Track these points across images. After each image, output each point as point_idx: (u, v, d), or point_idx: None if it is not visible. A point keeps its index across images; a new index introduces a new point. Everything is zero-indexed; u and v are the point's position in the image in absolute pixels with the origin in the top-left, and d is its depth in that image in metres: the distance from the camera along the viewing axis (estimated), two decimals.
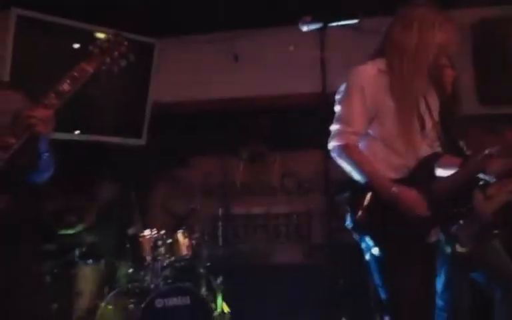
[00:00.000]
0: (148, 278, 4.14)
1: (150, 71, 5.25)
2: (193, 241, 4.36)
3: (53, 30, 4.73)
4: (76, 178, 4.56)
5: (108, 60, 2.36)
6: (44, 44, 4.72)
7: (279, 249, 5.43)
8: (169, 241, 4.26)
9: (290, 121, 5.28)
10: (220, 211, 4.85)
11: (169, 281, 4.17)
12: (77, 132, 4.95)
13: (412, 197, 2.48)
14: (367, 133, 2.62)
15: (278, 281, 4.93)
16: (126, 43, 2.40)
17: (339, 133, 2.61)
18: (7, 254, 2.24)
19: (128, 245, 4.29)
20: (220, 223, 4.80)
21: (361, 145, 2.63)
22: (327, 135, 2.66)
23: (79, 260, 4.28)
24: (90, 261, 4.35)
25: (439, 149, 2.69)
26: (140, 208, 5.28)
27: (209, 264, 4.39)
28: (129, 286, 4.15)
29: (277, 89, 5.27)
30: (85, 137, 4.98)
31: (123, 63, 2.40)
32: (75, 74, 2.28)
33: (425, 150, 2.63)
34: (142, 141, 5.37)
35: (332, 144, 2.64)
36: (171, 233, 4.31)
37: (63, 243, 4.35)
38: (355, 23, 3.05)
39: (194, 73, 5.40)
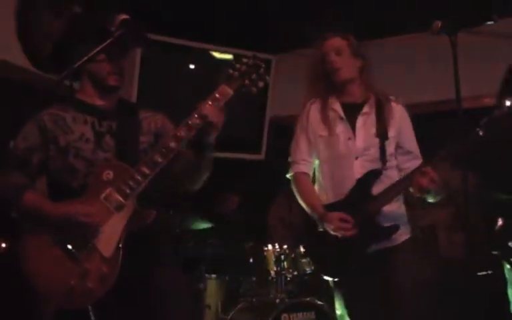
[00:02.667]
0: (272, 292, 4.15)
1: (267, 87, 5.29)
2: None
3: (175, 51, 4.92)
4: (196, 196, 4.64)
5: (247, 82, 2.37)
6: (167, 65, 4.92)
7: None
8: (292, 255, 4.26)
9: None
10: None
11: (293, 295, 4.16)
12: None
13: (335, 220, 2.64)
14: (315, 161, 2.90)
15: None
16: (263, 65, 2.40)
17: (290, 165, 2.96)
18: (154, 271, 2.32)
19: (251, 260, 4.33)
20: None
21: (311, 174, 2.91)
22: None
23: (205, 274, 4.37)
24: (214, 275, 4.45)
25: (379, 166, 2.76)
26: (259, 222, 5.30)
27: None
28: (254, 300, 4.17)
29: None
30: None
31: (261, 84, 2.40)
32: (217, 95, 2.32)
33: (362, 169, 2.73)
34: (261, 156, 5.43)
35: (288, 176, 2.96)
36: (291, 246, 4.30)
37: (188, 257, 4.46)
38: (489, 25, 2.88)
39: None
